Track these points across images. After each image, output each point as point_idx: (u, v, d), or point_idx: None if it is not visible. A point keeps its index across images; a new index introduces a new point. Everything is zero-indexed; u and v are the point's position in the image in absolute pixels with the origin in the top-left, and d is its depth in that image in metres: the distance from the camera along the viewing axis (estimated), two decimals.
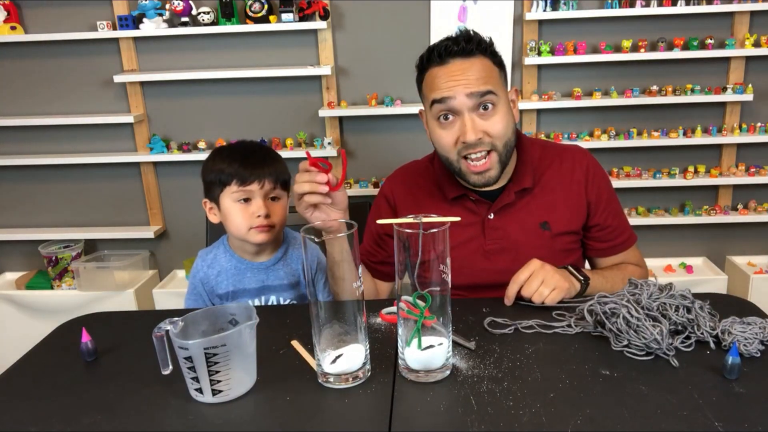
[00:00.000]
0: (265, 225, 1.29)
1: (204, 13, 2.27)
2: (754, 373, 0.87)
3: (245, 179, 1.28)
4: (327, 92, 2.40)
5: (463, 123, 1.19)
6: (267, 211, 1.29)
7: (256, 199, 1.29)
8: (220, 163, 1.31)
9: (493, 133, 1.20)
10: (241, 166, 1.29)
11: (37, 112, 2.50)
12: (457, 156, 1.22)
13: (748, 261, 2.50)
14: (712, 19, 2.27)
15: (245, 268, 1.36)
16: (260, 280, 1.36)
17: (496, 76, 1.22)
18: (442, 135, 1.22)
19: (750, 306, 1.10)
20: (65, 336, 1.10)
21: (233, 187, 1.29)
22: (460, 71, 1.18)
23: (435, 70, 1.22)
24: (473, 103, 1.18)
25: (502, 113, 1.21)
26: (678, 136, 2.33)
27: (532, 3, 2.24)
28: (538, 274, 1.13)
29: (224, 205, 1.31)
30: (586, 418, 0.78)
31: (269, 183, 1.30)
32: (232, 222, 1.31)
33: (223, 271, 1.37)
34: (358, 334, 0.89)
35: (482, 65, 1.20)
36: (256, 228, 1.29)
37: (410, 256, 0.85)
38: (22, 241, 2.63)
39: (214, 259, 1.38)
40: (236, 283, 1.36)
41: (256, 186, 1.29)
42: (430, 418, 0.81)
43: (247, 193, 1.29)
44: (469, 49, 1.19)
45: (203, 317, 0.91)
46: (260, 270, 1.36)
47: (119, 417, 0.84)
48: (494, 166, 1.22)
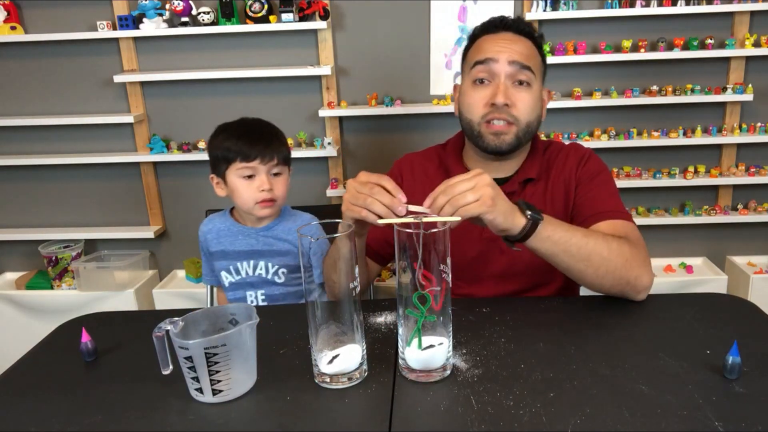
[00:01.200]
0: (269, 199, 1.41)
1: (204, 13, 2.27)
2: (755, 372, 0.87)
3: (249, 156, 1.38)
4: (327, 92, 2.40)
5: (497, 86, 1.23)
6: (270, 186, 1.40)
7: (260, 175, 1.40)
8: (225, 140, 1.41)
9: (520, 106, 1.23)
10: (246, 143, 1.39)
11: (37, 112, 2.50)
12: (480, 119, 1.25)
13: (748, 261, 2.50)
14: (712, 19, 2.27)
15: (237, 231, 1.49)
16: (250, 244, 1.47)
17: (539, 63, 1.28)
18: (473, 95, 1.26)
19: (750, 306, 1.10)
20: (65, 336, 1.10)
21: (238, 164, 1.39)
22: (510, 41, 1.25)
23: (486, 37, 1.28)
24: (512, 71, 1.23)
25: (534, 95, 1.25)
26: (678, 136, 2.33)
27: (532, 3, 2.24)
28: (472, 180, 0.95)
29: (230, 181, 1.42)
30: (586, 417, 0.78)
31: (272, 160, 1.40)
32: (239, 196, 1.42)
33: (215, 231, 1.50)
34: (355, 334, 0.89)
35: (530, 46, 1.27)
36: (260, 203, 1.41)
37: (410, 256, 0.85)
38: (22, 241, 2.63)
39: (210, 221, 1.52)
40: (227, 245, 1.48)
41: (259, 163, 1.39)
42: (430, 418, 0.81)
43: (252, 170, 1.39)
44: (522, 29, 1.27)
45: (203, 317, 0.91)
46: (251, 234, 1.48)
47: (119, 417, 0.84)
48: (511, 135, 1.24)
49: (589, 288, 1.13)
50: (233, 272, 1.49)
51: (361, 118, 2.43)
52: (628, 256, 1.08)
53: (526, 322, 1.06)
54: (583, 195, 1.27)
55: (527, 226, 1.01)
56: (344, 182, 2.47)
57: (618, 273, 1.07)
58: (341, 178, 2.49)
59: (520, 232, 1.01)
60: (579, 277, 1.09)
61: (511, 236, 1.02)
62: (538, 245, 1.04)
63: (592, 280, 1.09)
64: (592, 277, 1.08)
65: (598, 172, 1.30)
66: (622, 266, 1.07)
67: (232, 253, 1.47)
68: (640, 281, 1.09)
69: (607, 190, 1.28)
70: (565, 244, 1.04)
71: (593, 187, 1.27)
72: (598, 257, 1.06)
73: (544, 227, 1.02)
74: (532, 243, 1.03)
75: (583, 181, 1.28)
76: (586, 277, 1.09)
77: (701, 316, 1.05)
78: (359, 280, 1.11)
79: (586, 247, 1.05)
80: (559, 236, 1.04)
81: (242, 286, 1.50)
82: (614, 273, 1.07)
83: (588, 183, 1.28)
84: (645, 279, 1.10)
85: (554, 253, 1.05)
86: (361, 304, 0.90)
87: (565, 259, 1.06)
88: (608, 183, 1.29)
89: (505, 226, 0.99)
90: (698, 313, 1.07)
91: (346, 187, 1.08)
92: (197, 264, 2.52)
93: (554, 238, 1.03)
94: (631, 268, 1.08)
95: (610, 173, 1.32)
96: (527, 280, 1.28)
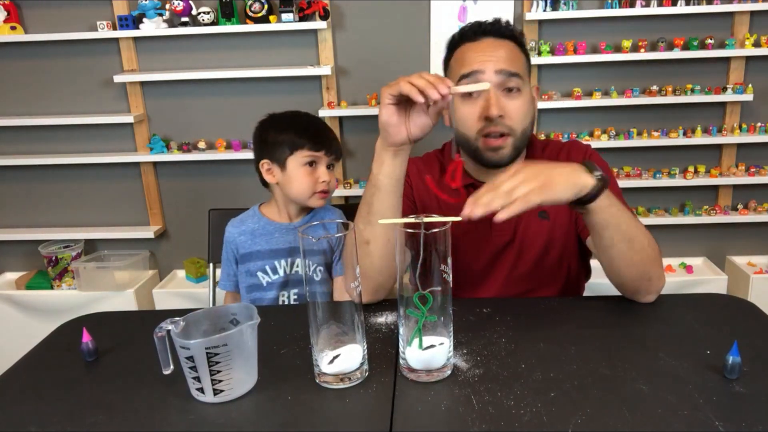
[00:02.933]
0: (326, 190, 1.44)
1: (204, 13, 2.27)
2: (755, 372, 0.87)
3: (317, 145, 1.42)
4: (327, 92, 2.40)
5: (488, 98, 1.18)
6: (329, 178, 1.44)
7: (321, 165, 1.44)
8: (290, 128, 1.43)
9: (514, 116, 1.19)
10: (314, 134, 1.43)
11: (37, 112, 2.50)
12: (476, 134, 1.21)
13: (748, 261, 2.51)
14: (712, 19, 2.28)
15: (273, 229, 1.48)
16: (288, 241, 1.46)
17: (523, 63, 1.23)
18: (465, 111, 1.21)
19: (750, 306, 1.10)
20: (65, 336, 1.10)
21: (306, 151, 1.42)
22: (492, 48, 1.20)
23: (466, 46, 1.23)
24: (500, 80, 1.18)
25: (525, 99, 1.21)
26: (678, 136, 2.33)
27: (532, 3, 2.24)
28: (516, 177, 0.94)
29: (291, 167, 1.43)
30: (586, 417, 0.78)
31: (333, 153, 1.46)
32: (297, 185, 1.43)
33: (249, 231, 1.48)
34: (356, 334, 0.89)
35: (513, 49, 1.22)
36: (318, 193, 1.43)
37: (411, 256, 0.85)
38: (22, 241, 2.63)
39: (242, 222, 1.50)
40: (264, 244, 1.47)
41: (324, 153, 1.43)
42: (431, 418, 0.81)
43: (316, 158, 1.43)
44: (501, 31, 1.22)
45: (204, 317, 0.91)
46: (288, 230, 1.47)
47: (119, 417, 0.84)
48: (508, 147, 1.21)
49: (613, 275, 1.09)
50: (270, 272, 1.47)
51: (361, 118, 2.43)
52: (658, 253, 1.08)
53: (527, 322, 1.06)
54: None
55: (598, 185, 0.97)
56: (344, 182, 2.47)
57: (647, 265, 1.06)
58: (341, 178, 2.49)
59: (591, 191, 0.97)
60: (617, 258, 1.05)
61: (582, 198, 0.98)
62: (598, 211, 1.00)
63: (625, 266, 1.06)
64: (628, 262, 1.05)
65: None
66: (653, 260, 1.06)
67: (268, 252, 1.45)
68: (657, 281, 1.09)
69: (612, 190, 1.27)
70: (619, 218, 1.02)
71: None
72: (639, 242, 1.05)
73: (607, 194, 0.99)
74: (596, 206, 0.99)
75: None
76: (623, 260, 1.05)
77: (701, 317, 1.05)
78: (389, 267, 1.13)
79: (635, 228, 1.04)
80: (617, 209, 1.02)
81: (276, 286, 1.48)
82: (643, 264, 1.06)
83: None
84: (662, 280, 1.10)
85: (608, 225, 1.02)
86: (362, 305, 0.90)
87: (615, 234, 1.03)
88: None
89: (574, 192, 0.96)
90: (698, 313, 1.07)
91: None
92: (197, 264, 2.52)
93: (612, 210, 1.01)
94: (656, 265, 1.08)
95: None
96: (532, 282, 1.29)
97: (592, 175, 0.98)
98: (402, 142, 1.07)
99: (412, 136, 1.07)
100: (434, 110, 1.05)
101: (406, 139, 1.07)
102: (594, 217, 1.02)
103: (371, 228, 1.10)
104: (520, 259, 1.27)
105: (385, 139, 1.07)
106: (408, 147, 1.09)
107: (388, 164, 1.08)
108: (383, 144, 1.08)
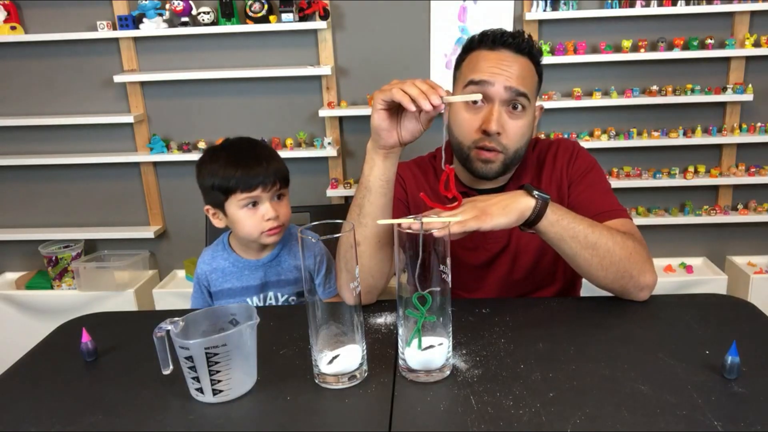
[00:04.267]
0: (276, 227, 1.30)
1: (204, 13, 2.27)
2: (754, 372, 0.87)
3: (251, 185, 1.27)
4: (327, 92, 2.40)
5: (491, 111, 1.17)
6: (276, 213, 1.29)
7: (263, 203, 1.29)
8: (220, 169, 1.28)
9: (511, 135, 1.19)
10: (244, 172, 1.26)
11: (37, 112, 2.50)
12: (471, 144, 1.20)
13: (748, 261, 2.50)
14: (712, 19, 2.28)
15: (243, 266, 1.37)
16: (259, 277, 1.37)
17: (534, 83, 1.22)
18: (466, 118, 1.20)
19: (749, 306, 1.10)
20: (65, 336, 1.10)
21: (239, 194, 1.27)
22: (507, 62, 1.18)
23: (482, 53, 1.20)
24: (507, 97, 1.17)
25: (526, 121, 1.20)
26: (678, 136, 2.33)
27: (532, 3, 2.24)
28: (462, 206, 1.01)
29: (231, 212, 1.30)
30: (585, 417, 0.78)
31: (274, 185, 1.29)
32: (242, 228, 1.30)
33: (220, 270, 1.38)
34: (355, 334, 0.89)
35: (528, 67, 1.20)
36: (267, 232, 1.30)
37: (410, 257, 0.85)
38: (22, 241, 2.63)
39: (212, 259, 1.40)
40: (235, 281, 1.37)
41: (262, 191, 1.27)
42: (430, 418, 0.81)
43: (255, 198, 1.28)
44: (522, 47, 1.19)
45: (204, 317, 0.92)
46: (258, 267, 1.37)
47: (119, 417, 0.84)
48: (498, 163, 1.21)
49: (592, 281, 1.12)
50: None
51: (361, 118, 2.43)
52: (632, 250, 1.08)
53: (526, 322, 1.06)
54: (577, 195, 1.26)
55: (538, 205, 1.02)
56: (344, 182, 2.47)
57: (622, 265, 1.07)
58: (341, 178, 2.49)
59: (532, 212, 1.02)
60: (585, 266, 1.08)
61: (527, 220, 1.03)
62: (548, 228, 1.04)
63: (596, 270, 1.08)
64: (597, 267, 1.07)
65: (588, 168, 1.28)
66: (626, 258, 1.07)
67: (240, 290, 1.38)
68: (642, 277, 1.09)
69: (601, 187, 1.27)
70: (573, 230, 1.05)
71: (586, 186, 1.26)
72: (604, 247, 1.06)
73: (552, 209, 1.04)
74: (543, 225, 1.04)
75: (575, 180, 1.27)
76: (591, 266, 1.07)
77: (700, 317, 1.05)
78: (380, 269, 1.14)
79: (593, 235, 1.06)
80: (568, 221, 1.05)
81: None
82: (618, 265, 1.07)
83: (580, 181, 1.27)
84: (648, 276, 1.09)
85: (562, 238, 1.05)
86: (361, 305, 0.90)
87: (573, 245, 1.05)
88: (600, 179, 1.28)
89: (516, 217, 1.01)
90: (697, 313, 1.07)
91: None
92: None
93: (563, 223, 1.04)
94: (635, 262, 1.08)
95: (600, 167, 1.31)
96: (527, 286, 1.29)
97: (531, 196, 1.03)
98: (393, 145, 1.08)
99: (403, 141, 1.09)
100: (425, 117, 1.07)
101: (397, 142, 1.08)
102: (546, 235, 1.06)
103: (362, 230, 1.11)
104: (515, 264, 1.28)
105: (377, 142, 1.09)
106: (399, 150, 1.10)
107: (379, 166, 1.10)
108: (374, 146, 1.10)
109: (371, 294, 1.18)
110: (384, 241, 1.14)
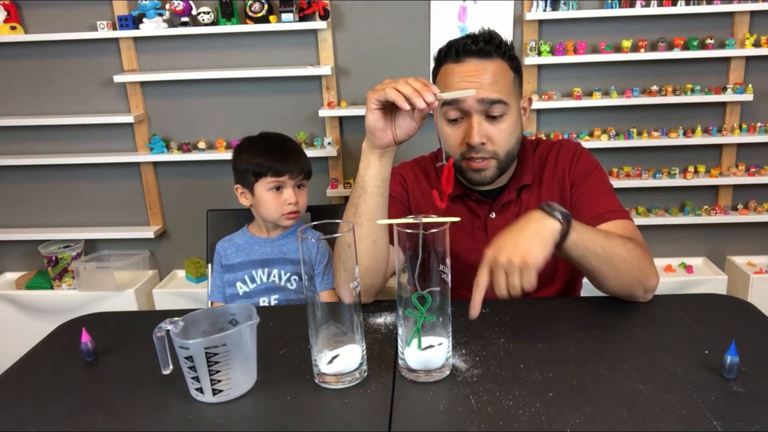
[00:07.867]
0: (295, 211, 1.52)
1: (204, 13, 2.27)
2: (753, 372, 0.87)
3: (280, 172, 1.50)
4: (327, 92, 2.40)
5: (470, 125, 1.17)
6: (296, 199, 1.52)
7: (287, 188, 1.51)
8: (256, 156, 1.51)
9: (497, 141, 1.18)
10: (276, 160, 1.50)
11: (38, 112, 2.50)
12: (459, 157, 1.21)
13: (748, 261, 2.50)
14: (712, 19, 2.27)
15: (253, 242, 1.57)
16: (264, 253, 1.55)
17: (509, 82, 1.20)
18: (449, 134, 1.21)
19: (748, 306, 1.11)
20: (65, 336, 1.11)
21: (269, 178, 1.50)
22: (475, 72, 1.16)
23: (450, 68, 1.19)
24: (482, 108, 1.16)
25: (510, 122, 1.19)
26: (678, 136, 2.33)
27: (532, 3, 2.24)
28: (497, 267, 0.96)
29: (258, 193, 1.52)
30: (585, 417, 0.78)
31: (299, 175, 1.53)
32: (266, 208, 1.52)
33: (235, 246, 1.58)
34: (355, 334, 0.89)
35: (498, 68, 1.18)
36: (286, 215, 1.51)
37: (410, 257, 0.85)
38: (22, 241, 2.63)
39: (231, 238, 1.61)
40: (245, 256, 1.56)
41: (288, 178, 1.51)
42: (430, 418, 0.81)
43: (281, 183, 1.51)
44: (487, 50, 1.16)
45: (203, 317, 0.92)
46: (266, 243, 1.56)
47: (119, 417, 0.84)
48: (491, 169, 1.21)
49: (604, 290, 1.12)
50: (248, 281, 1.54)
51: (361, 118, 2.39)
52: (639, 256, 1.08)
53: (526, 322, 1.06)
54: (579, 196, 1.26)
55: (564, 225, 0.98)
56: (344, 182, 2.47)
57: (633, 273, 1.07)
58: (341, 178, 2.49)
59: (560, 234, 0.98)
60: (601, 278, 1.07)
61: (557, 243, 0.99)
62: (572, 247, 1.01)
63: (612, 281, 1.07)
64: (613, 278, 1.07)
65: (590, 169, 1.28)
66: (637, 266, 1.07)
67: (248, 263, 1.55)
68: (649, 281, 1.09)
69: (603, 188, 1.26)
70: (594, 243, 1.02)
71: (588, 187, 1.26)
72: (619, 258, 1.05)
73: (574, 226, 1.00)
74: (569, 243, 1.00)
75: (577, 181, 1.27)
76: (606, 278, 1.07)
77: (699, 317, 1.05)
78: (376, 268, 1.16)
79: (611, 249, 1.04)
80: (588, 236, 1.02)
81: (257, 294, 1.54)
82: (630, 273, 1.07)
83: (582, 182, 1.26)
84: (654, 279, 1.10)
85: (584, 255, 1.02)
86: (360, 305, 0.90)
87: (593, 260, 1.04)
88: (602, 180, 1.28)
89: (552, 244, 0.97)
90: (696, 313, 1.07)
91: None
92: (197, 264, 2.52)
93: (584, 239, 1.01)
94: (644, 268, 1.08)
95: (602, 168, 1.30)
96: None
97: (553, 217, 0.98)
98: (388, 144, 1.09)
99: (398, 139, 1.09)
100: (419, 115, 1.07)
101: (392, 141, 1.09)
102: (570, 253, 1.02)
103: (358, 229, 1.12)
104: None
105: (371, 142, 1.09)
106: (394, 149, 1.11)
107: (374, 166, 1.10)
108: (369, 146, 1.10)
109: (369, 293, 1.19)
110: (380, 240, 1.14)
